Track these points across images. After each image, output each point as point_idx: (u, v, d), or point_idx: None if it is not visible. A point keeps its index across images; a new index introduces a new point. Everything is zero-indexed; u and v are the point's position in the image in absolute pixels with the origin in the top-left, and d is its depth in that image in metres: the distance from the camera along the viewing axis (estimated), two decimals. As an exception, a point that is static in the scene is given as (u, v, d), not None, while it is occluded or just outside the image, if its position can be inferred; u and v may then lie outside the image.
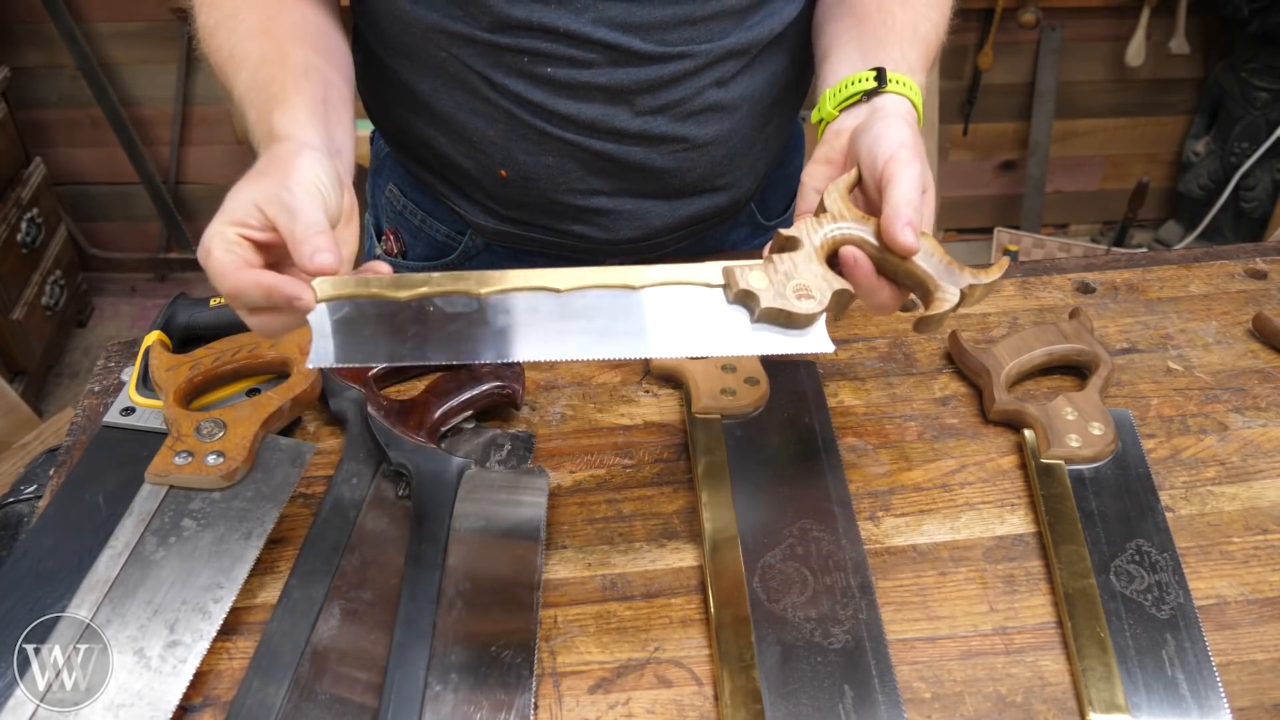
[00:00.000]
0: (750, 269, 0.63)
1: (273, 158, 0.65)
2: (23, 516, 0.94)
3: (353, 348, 0.61)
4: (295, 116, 0.69)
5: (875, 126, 0.68)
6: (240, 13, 0.77)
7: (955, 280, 0.65)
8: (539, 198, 0.88)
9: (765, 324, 0.63)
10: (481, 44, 0.80)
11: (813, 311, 0.62)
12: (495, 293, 0.62)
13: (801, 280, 0.63)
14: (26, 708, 0.60)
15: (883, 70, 0.71)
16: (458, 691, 0.62)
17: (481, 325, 0.62)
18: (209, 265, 0.61)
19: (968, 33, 2.52)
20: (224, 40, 0.77)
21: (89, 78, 2.45)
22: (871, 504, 0.75)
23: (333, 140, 0.70)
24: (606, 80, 0.80)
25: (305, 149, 0.65)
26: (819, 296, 0.62)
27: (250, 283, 0.60)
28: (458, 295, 0.62)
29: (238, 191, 0.63)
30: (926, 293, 0.65)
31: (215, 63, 0.78)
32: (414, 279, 0.62)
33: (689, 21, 0.79)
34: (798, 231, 0.65)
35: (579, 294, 0.63)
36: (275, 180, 0.62)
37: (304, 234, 0.59)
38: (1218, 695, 0.62)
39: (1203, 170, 2.63)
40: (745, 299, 0.63)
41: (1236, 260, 0.98)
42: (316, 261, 0.58)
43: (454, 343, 0.61)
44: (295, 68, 0.73)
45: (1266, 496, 0.75)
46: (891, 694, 0.62)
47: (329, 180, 0.64)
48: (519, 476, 0.75)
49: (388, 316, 0.61)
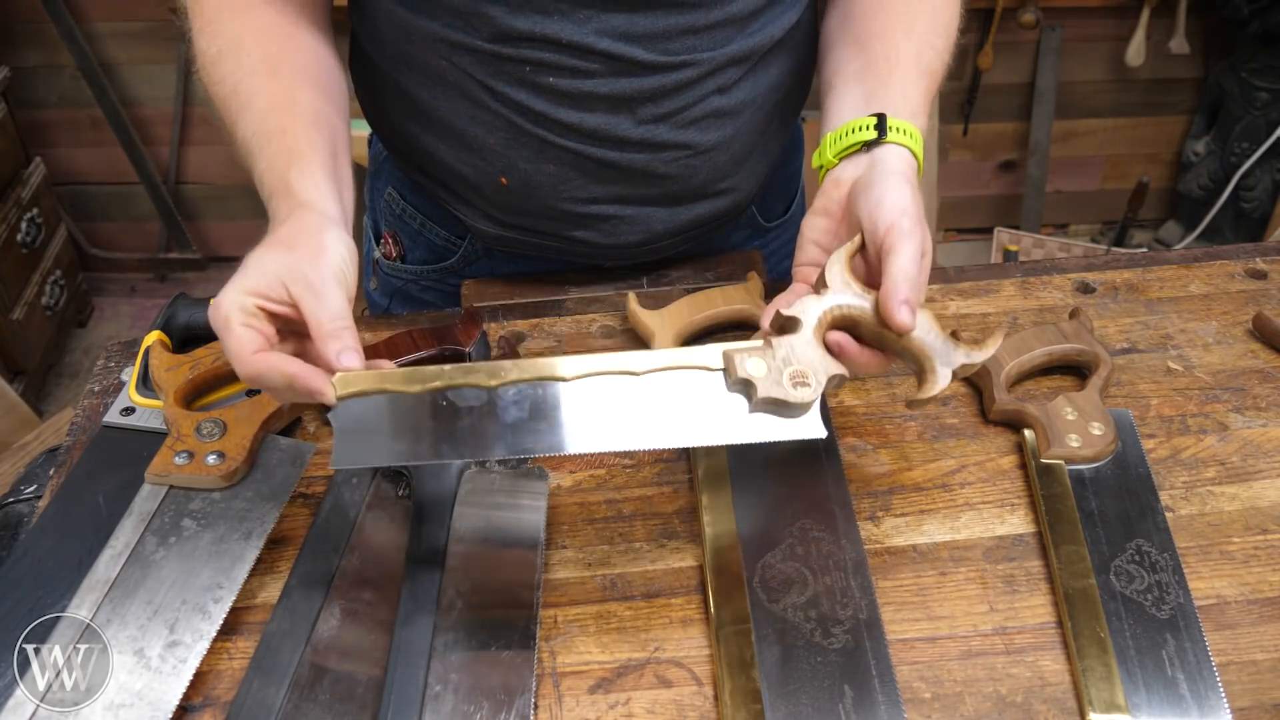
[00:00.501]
0: (749, 355, 0.65)
1: (298, 228, 0.66)
2: (23, 516, 0.94)
3: (374, 449, 0.64)
4: (315, 180, 0.70)
5: (876, 188, 0.68)
6: (244, 44, 0.77)
7: (950, 358, 0.66)
8: (540, 205, 0.88)
9: (762, 411, 0.65)
10: (482, 54, 0.79)
11: (809, 400, 0.64)
12: (504, 384, 0.64)
13: (798, 366, 0.65)
14: (26, 708, 0.60)
15: (884, 118, 0.72)
16: (458, 691, 0.62)
17: (492, 420, 0.64)
18: (227, 340, 0.63)
19: (968, 33, 2.50)
20: (227, 73, 0.76)
21: (89, 78, 2.45)
22: (871, 504, 0.75)
23: (343, 205, 0.72)
24: (609, 90, 0.80)
25: (329, 225, 0.67)
26: (814, 384, 0.64)
27: (273, 370, 0.62)
28: (468, 388, 0.64)
29: (261, 259, 0.64)
30: (920, 371, 0.67)
31: (216, 95, 0.78)
32: (426, 373, 0.64)
33: (691, 31, 0.79)
34: (798, 312, 0.66)
35: (583, 382, 0.65)
36: (302, 257, 0.64)
37: (331, 328, 0.62)
38: (1218, 695, 0.62)
39: (1203, 170, 2.63)
40: (744, 386, 0.65)
41: (1236, 260, 0.98)
42: (342, 362, 0.61)
43: (467, 439, 0.64)
44: (305, 116, 0.74)
45: (1266, 496, 0.75)
46: (891, 694, 0.62)
47: (350, 262, 0.66)
48: (519, 477, 0.75)
49: (403, 414, 0.64)
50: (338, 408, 0.63)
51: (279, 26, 0.78)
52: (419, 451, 0.64)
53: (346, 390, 0.63)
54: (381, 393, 0.64)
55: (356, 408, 0.63)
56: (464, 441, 0.64)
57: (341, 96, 0.81)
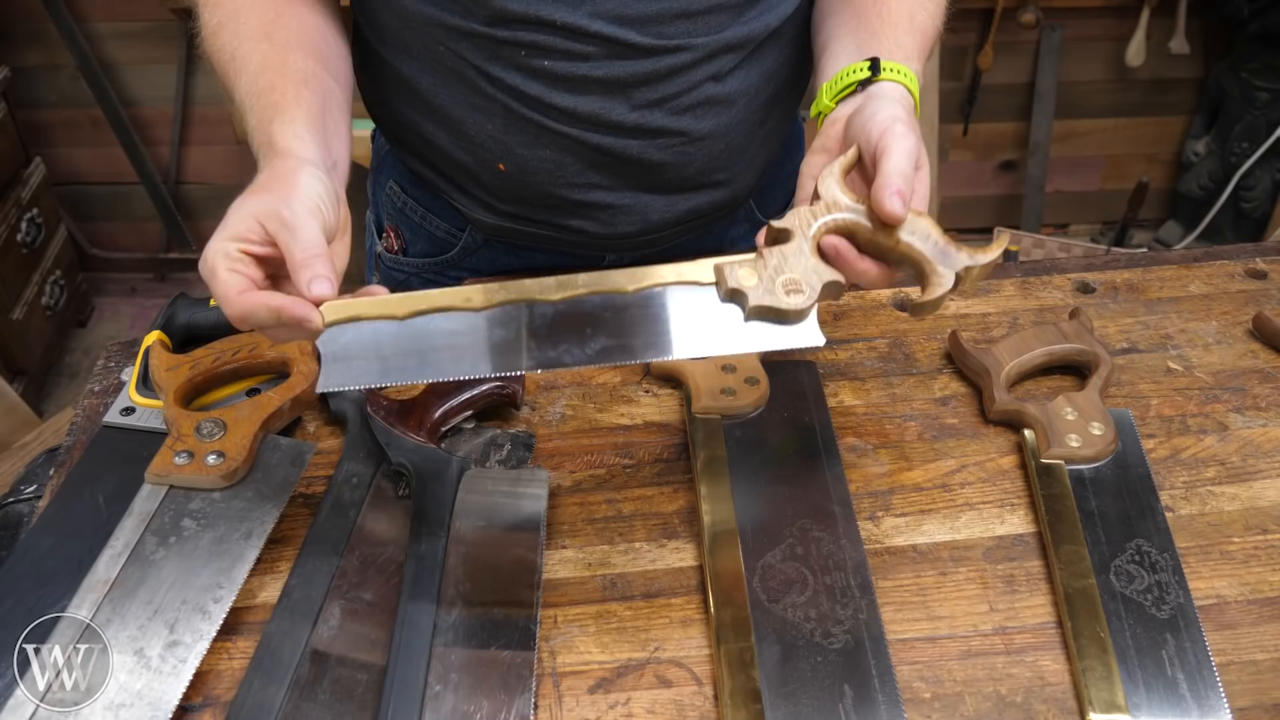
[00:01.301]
0: (739, 266, 0.64)
1: (274, 173, 0.67)
2: (23, 516, 0.94)
3: (361, 371, 0.63)
4: (295, 129, 0.70)
5: (868, 107, 0.69)
6: (242, 14, 0.78)
7: (952, 261, 0.64)
8: (537, 192, 0.89)
9: (757, 320, 0.63)
10: (479, 38, 0.80)
11: (802, 307, 0.63)
12: (492, 305, 0.64)
13: (791, 274, 0.63)
14: (26, 708, 0.60)
15: (877, 60, 0.72)
16: (458, 691, 0.62)
17: (480, 339, 0.63)
18: (214, 286, 0.63)
19: (968, 33, 2.52)
20: (226, 41, 0.77)
21: (89, 78, 2.45)
22: (871, 504, 0.75)
23: (330, 152, 0.72)
24: (603, 73, 0.81)
25: (305, 165, 0.67)
26: (808, 290, 0.63)
27: (259, 305, 0.62)
28: (455, 310, 0.63)
29: (239, 205, 0.65)
30: (922, 275, 0.65)
31: (217, 63, 0.79)
32: (414, 296, 0.64)
33: (685, 15, 0.79)
34: (789, 223, 0.65)
35: (573, 302, 0.64)
36: (276, 196, 0.64)
37: (303, 257, 0.62)
38: (1218, 695, 0.62)
39: (1203, 170, 2.63)
40: (735, 297, 0.63)
41: (1236, 260, 0.98)
42: (314, 290, 0.61)
43: (455, 358, 0.63)
44: (295, 75, 0.74)
45: (1266, 496, 0.75)
46: (891, 694, 0.62)
47: (327, 197, 0.66)
48: (519, 476, 0.75)
49: (391, 336, 0.63)
50: (325, 335, 0.63)
51: None
52: (405, 372, 0.63)
53: (334, 318, 0.63)
54: (367, 318, 0.63)
55: (344, 335, 0.63)
56: (450, 362, 0.63)
57: (339, 61, 0.81)
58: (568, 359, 0.63)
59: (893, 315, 0.92)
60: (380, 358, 0.63)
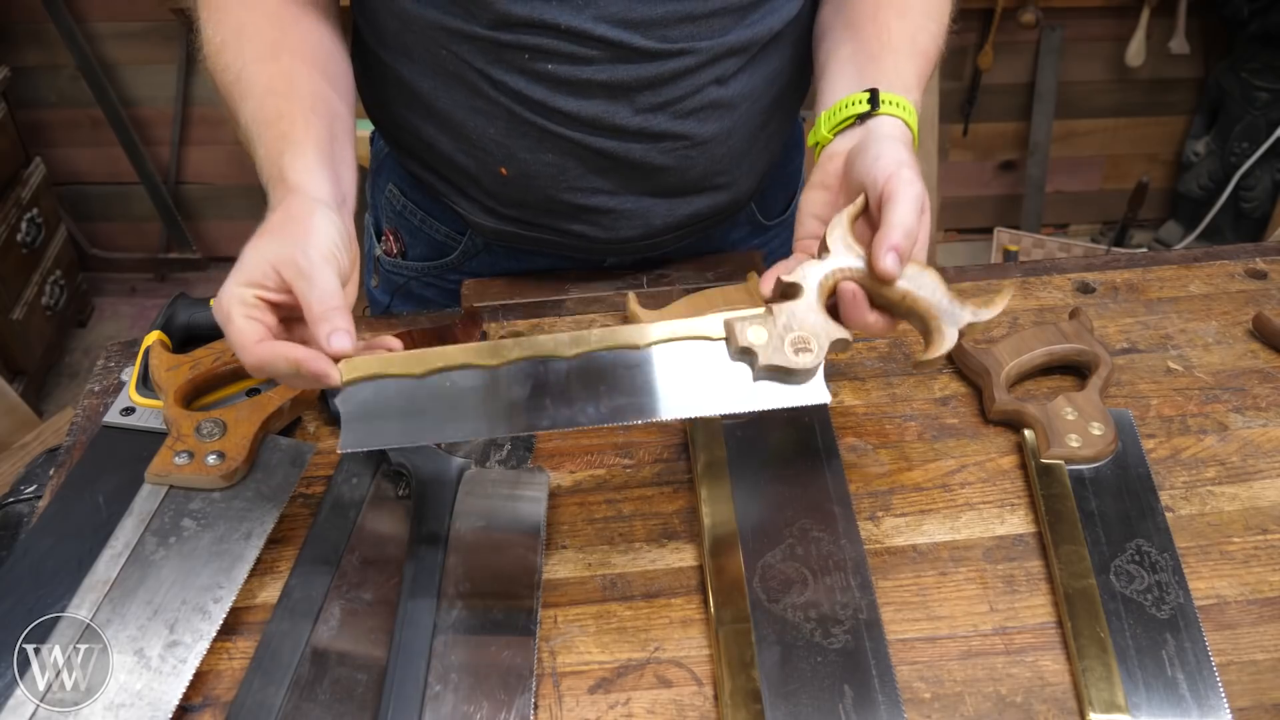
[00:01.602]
0: (750, 323, 0.65)
1: (288, 214, 0.67)
2: (23, 516, 0.94)
3: (382, 431, 0.64)
4: (306, 162, 0.70)
5: (871, 149, 0.68)
6: (247, 31, 0.77)
7: (956, 318, 0.66)
8: (539, 196, 0.88)
9: (765, 378, 0.65)
10: (482, 41, 0.80)
11: (810, 366, 0.64)
12: (505, 364, 0.65)
13: (800, 333, 0.65)
14: (26, 708, 0.60)
15: (876, 91, 0.72)
16: (458, 691, 0.62)
17: (495, 399, 0.64)
18: (229, 332, 0.63)
19: (968, 33, 2.52)
20: (230, 61, 0.77)
21: (89, 78, 2.45)
22: (871, 504, 0.75)
23: (339, 184, 0.72)
24: (607, 77, 0.80)
25: (318, 207, 0.67)
26: (816, 350, 0.64)
27: (277, 357, 0.62)
28: (470, 368, 0.64)
29: (254, 249, 0.65)
30: (926, 331, 0.67)
31: (220, 83, 0.78)
32: (430, 354, 0.65)
33: (689, 18, 0.79)
34: (799, 278, 0.66)
35: (586, 358, 0.65)
36: (292, 242, 0.64)
37: (321, 310, 0.62)
38: (1218, 695, 0.62)
39: (1203, 170, 2.63)
40: (745, 354, 0.65)
41: (1236, 260, 0.98)
42: (334, 345, 0.62)
43: (472, 419, 0.64)
44: (303, 101, 0.74)
45: (1266, 496, 0.75)
46: (891, 694, 0.62)
47: (341, 242, 0.66)
48: (519, 476, 0.75)
49: (407, 396, 0.64)
50: (344, 393, 0.64)
51: (283, 13, 0.79)
52: (424, 433, 0.64)
53: (352, 375, 0.64)
54: (385, 377, 0.64)
55: (362, 393, 0.64)
56: (468, 421, 0.64)
57: (345, 79, 0.81)
58: (582, 418, 0.64)
59: (893, 315, 0.92)
60: (400, 417, 0.64)
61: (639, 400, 0.64)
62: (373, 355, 0.65)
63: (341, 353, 0.62)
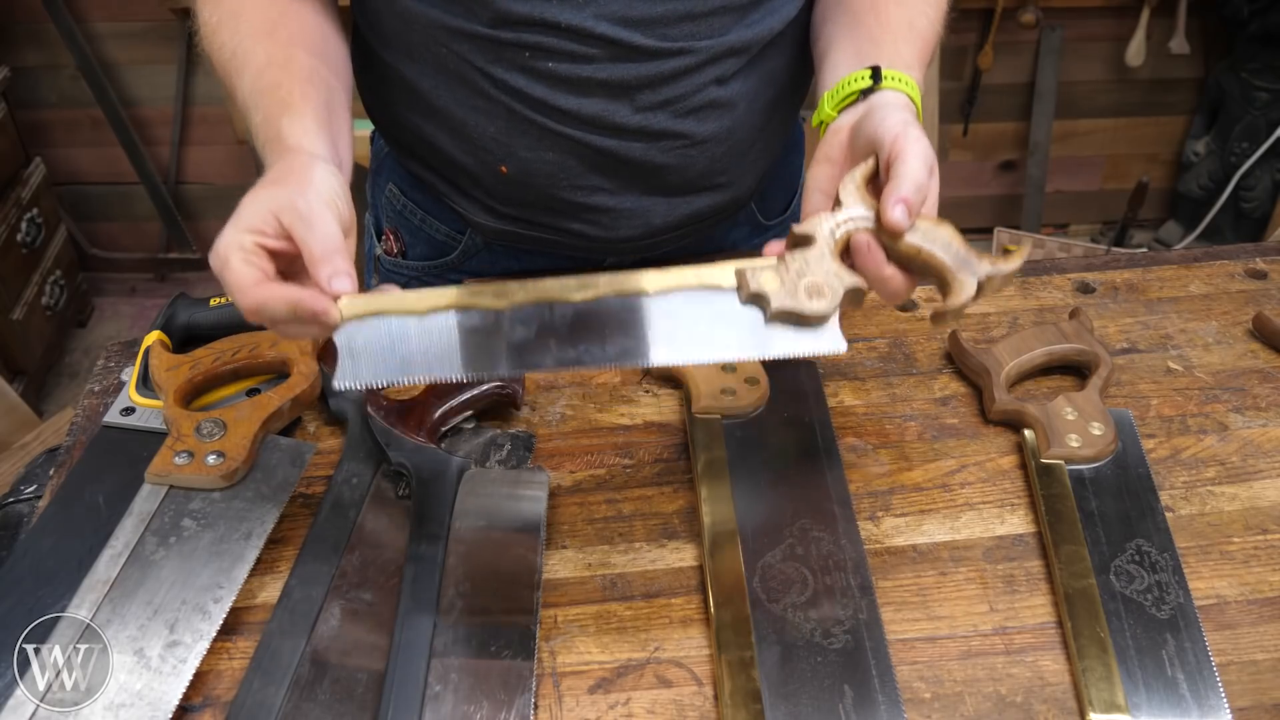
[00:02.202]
0: (762, 270, 0.63)
1: (287, 167, 0.66)
2: (23, 516, 0.94)
3: (380, 367, 0.62)
4: (305, 124, 0.69)
5: (876, 114, 0.68)
6: (243, 12, 0.77)
7: (973, 270, 0.64)
8: (539, 195, 0.88)
9: (778, 324, 0.62)
10: (482, 40, 0.80)
11: (824, 311, 0.62)
12: (511, 305, 0.63)
13: (813, 278, 0.63)
14: (26, 708, 0.60)
15: (878, 68, 0.71)
16: (458, 691, 0.62)
17: (498, 338, 0.62)
18: (226, 277, 0.61)
19: (968, 33, 2.52)
20: (226, 39, 0.77)
21: (89, 78, 2.45)
22: (871, 504, 0.75)
23: (337, 151, 0.72)
24: (607, 75, 0.81)
25: (317, 160, 0.66)
26: (830, 295, 0.62)
27: (275, 298, 0.60)
28: (474, 309, 0.62)
29: (252, 199, 0.63)
30: (943, 283, 0.64)
31: (217, 61, 0.78)
32: (434, 293, 0.63)
33: (690, 17, 0.79)
34: (811, 227, 0.64)
35: (594, 303, 0.63)
36: (291, 189, 0.63)
37: (321, 251, 0.60)
38: (1218, 695, 0.62)
39: (1203, 170, 2.63)
40: (757, 300, 0.63)
41: (1236, 260, 0.98)
42: (334, 286, 0.60)
43: (477, 356, 0.62)
44: (300, 73, 0.73)
45: (1266, 496, 0.75)
46: (891, 694, 0.62)
47: (341, 192, 0.65)
48: (519, 476, 0.75)
49: (410, 333, 0.62)
50: (343, 330, 0.62)
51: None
52: (423, 369, 0.62)
53: (351, 313, 0.62)
54: (385, 314, 0.62)
55: (361, 329, 0.62)
56: (469, 360, 0.62)
57: (340, 63, 0.80)
58: (588, 359, 0.62)
59: (893, 315, 0.92)
60: (400, 354, 0.62)
61: (644, 345, 0.62)
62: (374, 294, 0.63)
63: (342, 293, 0.60)
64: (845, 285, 0.62)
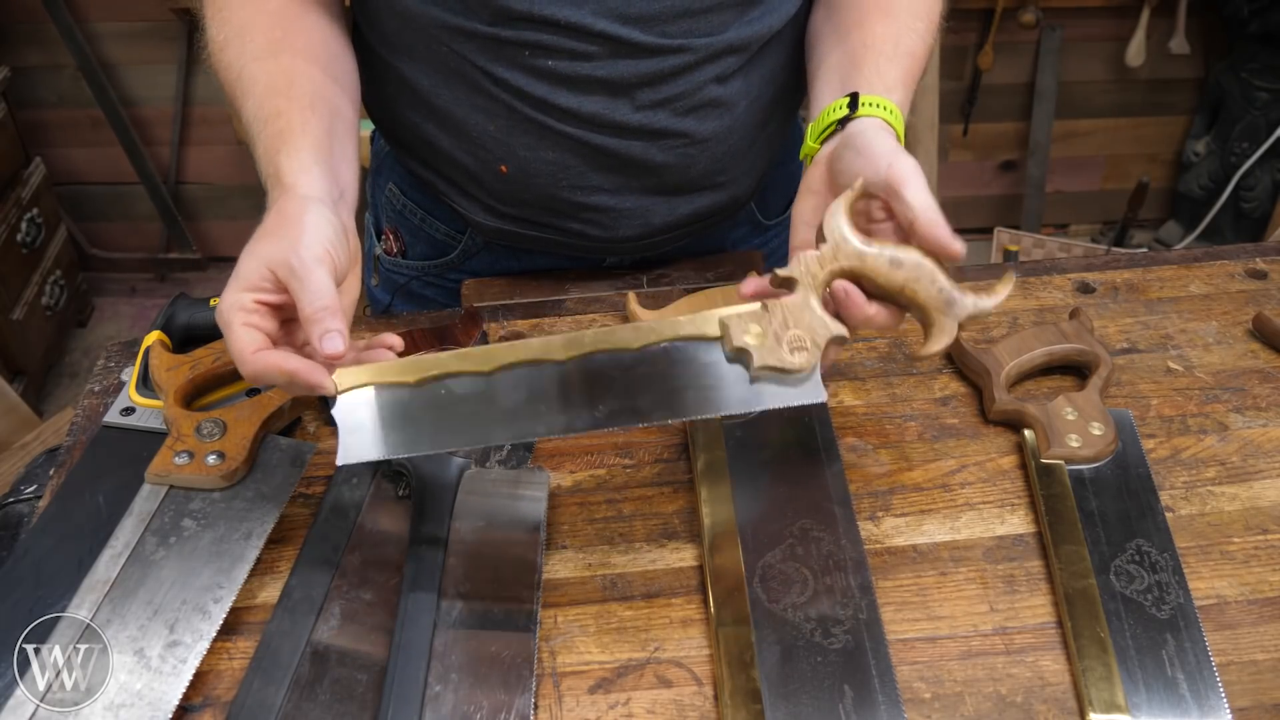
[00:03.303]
0: (746, 319, 0.64)
1: (281, 216, 0.67)
2: (23, 516, 0.94)
3: (378, 443, 0.64)
4: (302, 160, 0.70)
5: (857, 141, 0.69)
6: (249, 31, 0.77)
7: (956, 310, 0.65)
8: (539, 194, 0.88)
9: (762, 379, 0.65)
10: (482, 38, 0.80)
11: (805, 366, 0.64)
12: (500, 369, 0.64)
13: (796, 330, 0.64)
14: (26, 708, 0.60)
15: (856, 95, 0.72)
16: (458, 691, 0.62)
17: (491, 406, 0.64)
18: (230, 341, 0.63)
19: (968, 33, 2.52)
20: (233, 59, 0.77)
21: (89, 78, 2.45)
22: (871, 504, 0.75)
23: (337, 182, 0.72)
24: (606, 73, 0.81)
25: (310, 205, 0.67)
26: (812, 348, 0.64)
27: (272, 368, 0.62)
28: (465, 375, 0.64)
29: (250, 253, 0.65)
30: (926, 323, 0.66)
31: (224, 81, 0.78)
32: (424, 361, 0.65)
33: (688, 13, 0.79)
34: (794, 271, 0.66)
35: (580, 361, 0.65)
36: (285, 242, 0.64)
37: (312, 311, 0.62)
38: (1218, 695, 0.62)
39: (1203, 170, 2.63)
40: (740, 355, 0.65)
41: (1236, 260, 0.98)
42: (326, 348, 0.61)
43: (469, 427, 0.64)
44: (302, 99, 0.74)
45: (1266, 496, 0.75)
46: (891, 694, 0.62)
47: (336, 238, 0.66)
48: (519, 476, 0.75)
49: (403, 405, 0.64)
50: (339, 404, 0.64)
51: (287, 10, 0.79)
52: (421, 443, 0.64)
53: (346, 384, 0.64)
54: (380, 385, 0.64)
55: (357, 402, 0.64)
56: (464, 429, 0.64)
57: (348, 76, 0.81)
58: (578, 424, 0.64)
59: (893, 315, 0.92)
60: (397, 427, 0.64)
61: (635, 404, 0.64)
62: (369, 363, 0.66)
63: (334, 354, 0.61)
64: (828, 335, 0.64)
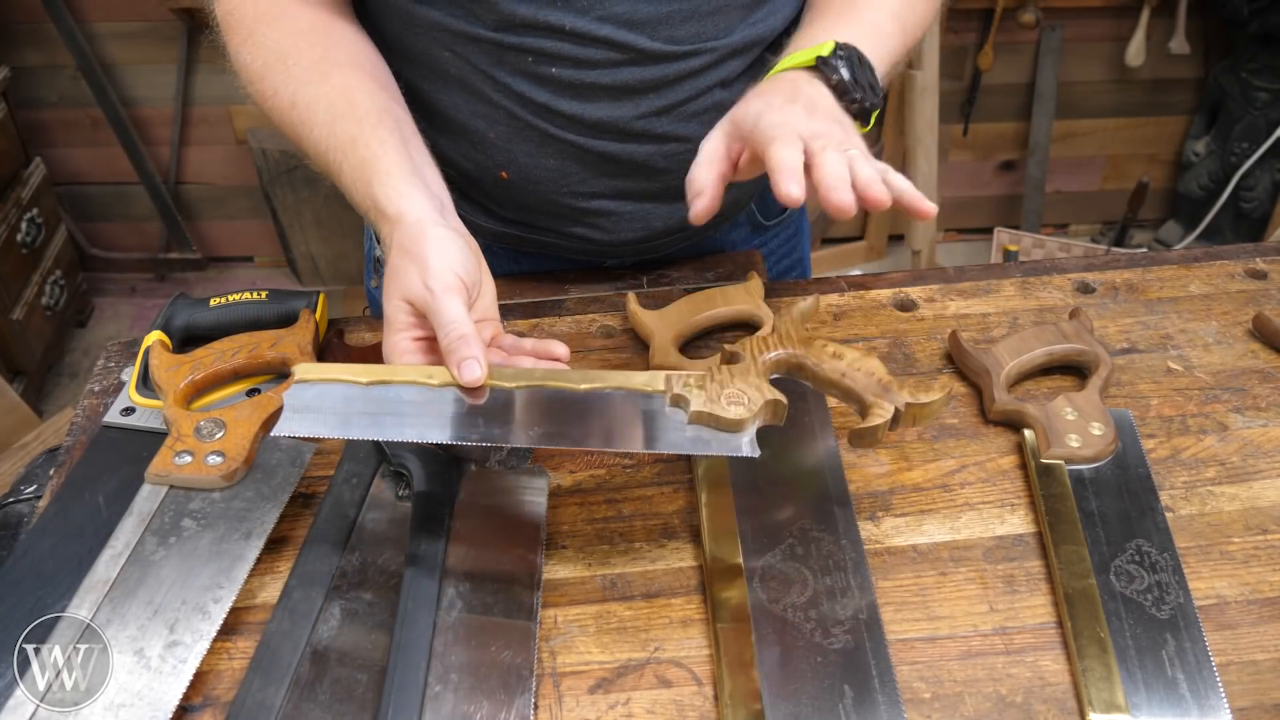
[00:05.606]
0: (688, 378, 0.67)
1: (403, 253, 0.69)
2: (23, 516, 0.94)
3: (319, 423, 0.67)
4: (397, 186, 0.72)
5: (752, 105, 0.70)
6: (290, 54, 0.77)
7: (892, 399, 0.69)
8: (540, 199, 0.88)
9: (697, 425, 0.66)
10: (486, 43, 0.79)
11: (740, 416, 0.66)
12: (448, 384, 0.67)
13: (735, 388, 0.67)
14: (26, 708, 0.60)
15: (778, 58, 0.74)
16: (458, 691, 0.62)
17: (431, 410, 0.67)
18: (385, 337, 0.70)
19: (968, 33, 2.52)
20: (279, 85, 0.77)
21: (89, 78, 2.45)
22: (871, 504, 0.75)
23: (432, 191, 0.74)
24: (611, 80, 0.80)
25: (425, 231, 0.69)
26: (749, 404, 0.66)
27: None
28: (414, 385, 0.67)
29: (389, 294, 0.69)
30: (862, 406, 0.70)
31: (272, 108, 0.78)
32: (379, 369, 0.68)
33: (694, 16, 0.79)
34: (741, 348, 0.71)
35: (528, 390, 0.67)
36: (414, 279, 0.68)
37: (448, 344, 0.66)
38: (1218, 695, 0.62)
39: (1203, 170, 2.63)
40: (678, 401, 0.67)
41: (1236, 260, 0.98)
42: (464, 375, 0.65)
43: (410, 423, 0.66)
44: (369, 117, 0.75)
45: (1266, 496, 0.75)
46: (891, 694, 0.62)
47: (457, 255, 0.69)
48: (519, 476, 0.75)
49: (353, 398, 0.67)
50: (291, 390, 0.67)
51: (318, 26, 0.78)
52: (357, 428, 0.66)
53: (305, 376, 0.68)
54: (333, 380, 0.67)
55: (308, 391, 0.67)
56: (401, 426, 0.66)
57: (389, 76, 0.82)
58: (513, 439, 0.66)
59: (893, 315, 0.92)
60: (339, 414, 0.66)
61: (570, 431, 0.66)
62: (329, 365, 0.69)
63: (472, 380, 0.65)
64: (764, 398, 0.67)
